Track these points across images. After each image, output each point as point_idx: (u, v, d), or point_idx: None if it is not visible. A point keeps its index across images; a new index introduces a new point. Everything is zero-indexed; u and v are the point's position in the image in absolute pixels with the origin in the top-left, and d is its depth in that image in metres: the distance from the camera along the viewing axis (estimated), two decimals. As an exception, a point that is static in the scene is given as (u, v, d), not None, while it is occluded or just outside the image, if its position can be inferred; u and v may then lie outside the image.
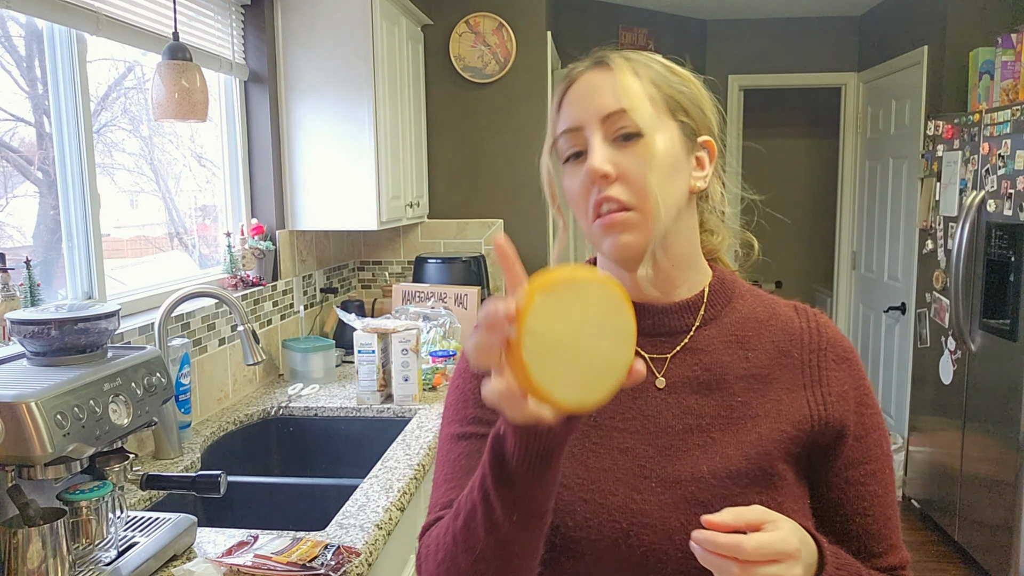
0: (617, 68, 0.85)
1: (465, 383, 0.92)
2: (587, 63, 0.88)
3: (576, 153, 0.85)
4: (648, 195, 0.82)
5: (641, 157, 0.82)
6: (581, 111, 0.84)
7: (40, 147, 1.76)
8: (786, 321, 0.91)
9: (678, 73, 0.89)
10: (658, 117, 0.84)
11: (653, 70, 0.86)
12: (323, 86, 2.65)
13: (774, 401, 0.86)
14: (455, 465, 0.89)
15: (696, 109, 0.88)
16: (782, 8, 4.63)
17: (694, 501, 0.81)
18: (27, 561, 1.09)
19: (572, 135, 0.85)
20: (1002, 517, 2.95)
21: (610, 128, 0.83)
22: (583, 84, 0.86)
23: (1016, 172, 2.85)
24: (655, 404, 0.86)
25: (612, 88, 0.83)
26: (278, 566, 1.25)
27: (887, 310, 4.29)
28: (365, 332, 2.24)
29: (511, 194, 3.42)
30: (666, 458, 0.84)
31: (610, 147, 0.83)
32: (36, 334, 1.18)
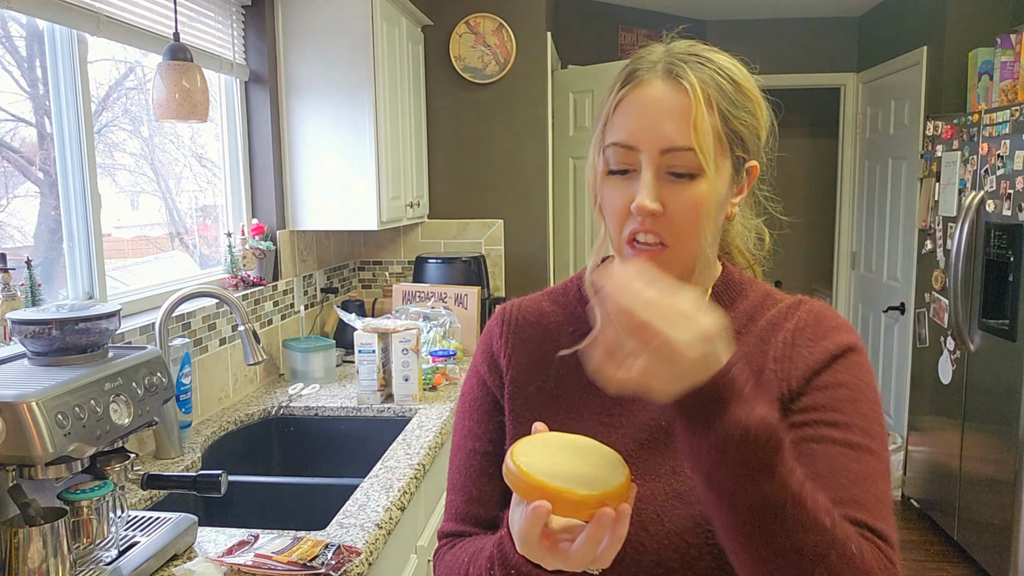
0: (693, 95, 0.79)
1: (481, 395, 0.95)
2: (659, 67, 0.81)
3: (624, 170, 0.81)
4: (688, 238, 0.80)
5: (692, 199, 0.79)
6: (641, 133, 0.79)
7: (41, 147, 1.77)
8: (777, 312, 0.89)
9: (745, 92, 0.84)
10: (718, 155, 0.80)
11: (724, 94, 0.81)
12: (323, 86, 2.65)
13: None
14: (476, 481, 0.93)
15: (752, 137, 0.85)
16: (782, 8, 4.63)
17: (672, 493, 0.81)
18: (28, 561, 1.10)
19: (625, 151, 0.80)
20: (1001, 517, 2.95)
21: (668, 161, 0.79)
22: (649, 95, 0.80)
23: (1015, 172, 2.85)
24: (642, 401, 0.86)
25: (681, 115, 0.78)
26: (279, 565, 1.25)
27: (886, 310, 4.29)
28: (365, 332, 2.24)
29: (511, 194, 3.43)
30: (648, 452, 0.85)
31: (662, 180, 0.79)
32: (37, 334, 1.19)
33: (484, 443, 0.94)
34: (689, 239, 0.81)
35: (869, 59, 4.64)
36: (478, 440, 0.94)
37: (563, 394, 0.90)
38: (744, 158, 0.85)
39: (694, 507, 0.80)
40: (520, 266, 3.48)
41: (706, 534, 0.79)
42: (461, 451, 0.95)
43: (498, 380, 0.94)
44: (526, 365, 0.92)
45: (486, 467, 0.93)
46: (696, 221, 0.80)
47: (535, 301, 0.98)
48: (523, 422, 0.90)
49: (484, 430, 0.94)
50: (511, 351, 0.94)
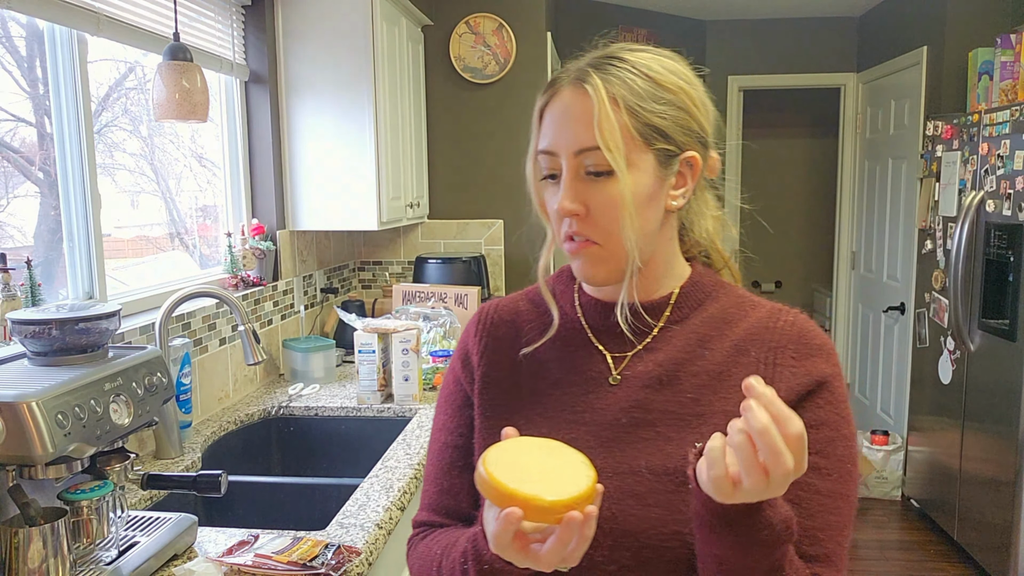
0: (595, 96, 0.82)
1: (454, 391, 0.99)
2: (571, 75, 0.86)
3: (552, 175, 0.86)
4: (615, 234, 0.83)
5: (610, 196, 0.82)
6: (556, 138, 0.84)
7: (41, 147, 1.77)
8: (754, 321, 0.90)
9: (663, 85, 0.84)
10: (632, 151, 0.82)
11: (633, 90, 0.83)
12: (323, 86, 2.65)
13: (723, 400, 0.86)
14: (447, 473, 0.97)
15: (678, 129, 0.85)
16: (782, 8, 4.63)
17: (627, 493, 0.83)
18: (28, 561, 1.10)
19: (549, 157, 0.86)
20: (1001, 517, 2.95)
21: (583, 162, 0.83)
22: (562, 103, 0.85)
23: (1015, 172, 2.85)
24: (606, 399, 0.88)
25: (587, 118, 0.82)
26: (279, 565, 1.25)
27: (886, 310, 4.29)
28: (365, 332, 2.24)
29: (511, 194, 3.43)
30: (608, 450, 0.86)
31: (581, 182, 0.83)
32: (37, 334, 1.19)
33: (456, 437, 0.97)
34: (614, 235, 0.84)
35: (869, 59, 4.64)
36: (450, 434, 0.98)
37: (531, 391, 0.93)
38: (671, 151, 0.85)
39: (651, 509, 0.82)
40: (520, 266, 3.48)
41: (661, 536, 0.81)
42: (435, 444, 0.99)
43: (470, 376, 0.97)
44: (497, 362, 0.96)
45: (456, 460, 0.96)
46: (616, 218, 0.83)
47: (513, 300, 1.01)
48: (491, 417, 0.93)
49: (456, 424, 0.97)
50: (483, 348, 0.97)
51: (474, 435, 0.95)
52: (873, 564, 3.35)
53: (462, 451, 0.96)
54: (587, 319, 0.94)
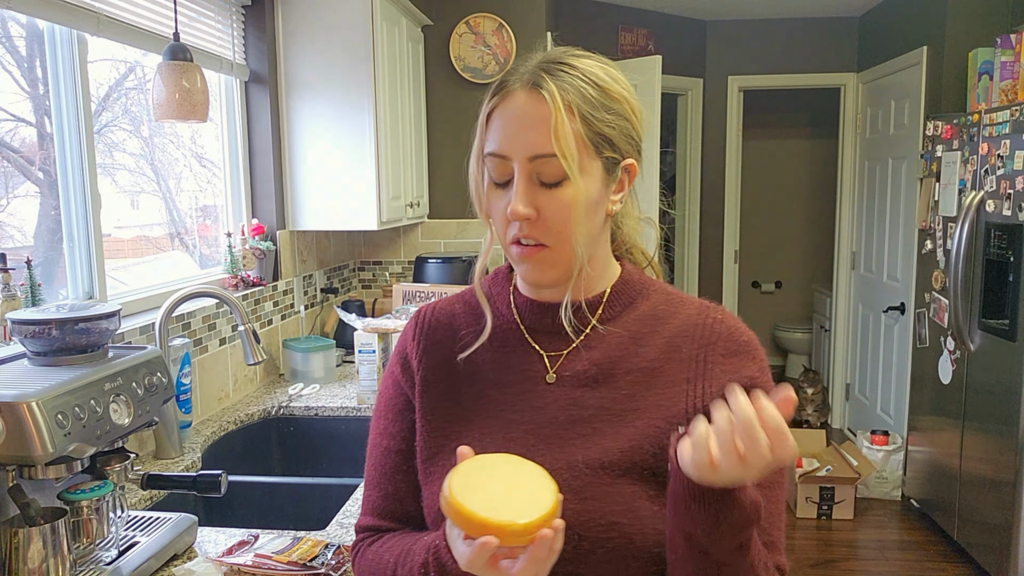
0: (552, 103, 0.83)
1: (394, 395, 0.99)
2: (523, 78, 0.86)
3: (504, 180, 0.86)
4: (566, 238, 0.85)
5: (563, 201, 0.84)
6: (510, 142, 0.85)
7: (41, 147, 1.77)
8: (684, 318, 0.93)
9: (610, 94, 0.86)
10: (584, 158, 0.84)
11: (586, 99, 0.84)
12: (323, 86, 2.65)
13: (657, 395, 0.88)
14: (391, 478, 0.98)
15: (622, 138, 0.88)
16: (782, 8, 4.63)
17: (565, 488, 0.84)
18: (28, 561, 1.10)
19: (499, 161, 0.86)
20: (1001, 517, 2.95)
21: (536, 168, 0.84)
22: (515, 106, 0.85)
23: (1015, 172, 2.85)
24: (544, 397, 0.90)
25: (543, 124, 0.83)
26: (278, 565, 1.25)
27: (886, 310, 4.29)
28: (366, 332, 2.24)
29: (511, 194, 3.42)
30: (547, 447, 0.88)
31: (534, 187, 0.84)
32: (37, 334, 1.19)
33: (398, 441, 0.98)
34: (565, 239, 0.85)
35: (869, 59, 4.64)
36: (392, 439, 0.98)
37: (470, 392, 0.94)
38: (616, 158, 0.88)
39: (588, 502, 0.84)
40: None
41: (599, 528, 0.83)
42: (376, 448, 1.00)
43: (410, 380, 0.98)
44: (435, 365, 0.96)
45: (400, 464, 0.97)
46: (568, 222, 0.84)
47: (449, 303, 1.02)
48: (432, 420, 0.94)
49: (398, 429, 0.98)
50: (422, 352, 0.98)
51: (415, 438, 0.96)
52: (873, 564, 3.35)
53: (404, 455, 0.97)
54: (523, 319, 0.95)
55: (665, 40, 4.65)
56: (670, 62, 4.23)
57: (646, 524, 0.83)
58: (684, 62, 4.77)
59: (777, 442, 0.69)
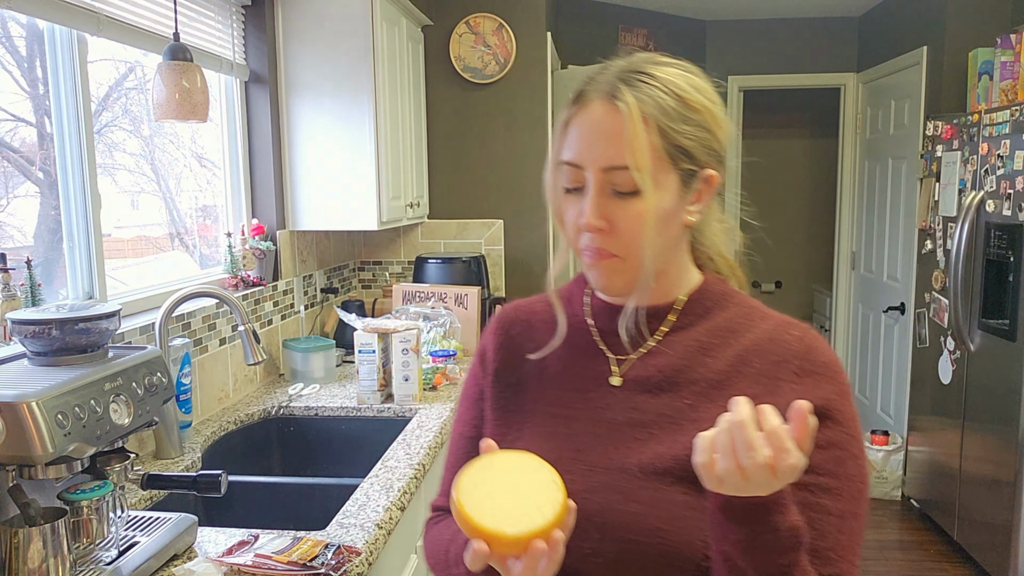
0: (626, 115, 0.82)
1: (471, 385, 1.04)
2: (601, 88, 0.85)
3: (576, 187, 0.87)
4: (636, 250, 0.85)
5: (634, 214, 0.84)
6: (584, 151, 0.85)
7: (41, 147, 1.77)
8: (760, 333, 0.91)
9: (691, 105, 0.85)
10: (659, 171, 0.83)
11: (664, 110, 0.83)
12: (323, 87, 2.65)
13: (720, 408, 0.85)
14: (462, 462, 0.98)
15: (702, 149, 0.86)
16: (782, 8, 4.63)
17: (615, 489, 0.85)
18: (28, 561, 1.10)
19: (572, 169, 0.86)
20: (1001, 517, 2.95)
21: (609, 179, 0.84)
22: (591, 117, 0.85)
23: (1015, 172, 2.85)
24: (605, 399, 0.92)
25: (618, 136, 0.82)
26: (278, 565, 1.25)
27: (886, 310, 4.29)
28: (365, 332, 2.24)
29: (511, 194, 3.43)
30: (602, 447, 0.89)
31: (606, 198, 0.84)
32: (37, 334, 1.19)
33: (470, 428, 1.02)
34: (636, 251, 0.85)
35: (869, 59, 4.64)
36: (466, 425, 1.03)
37: (534, 387, 0.97)
38: (693, 170, 0.86)
39: (634, 504, 0.84)
40: (520, 266, 3.48)
41: (643, 533, 0.83)
42: (454, 433, 1.05)
43: (485, 372, 1.02)
44: (509, 360, 1.00)
45: (470, 451, 1.00)
46: (639, 234, 0.84)
47: (532, 301, 1.05)
48: (498, 410, 0.99)
49: (470, 416, 1.03)
50: (498, 347, 1.02)
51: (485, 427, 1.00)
52: (873, 564, 3.35)
53: (475, 441, 0.99)
54: (595, 321, 0.97)
55: (665, 40, 4.65)
56: (670, 62, 4.22)
57: (692, 535, 0.82)
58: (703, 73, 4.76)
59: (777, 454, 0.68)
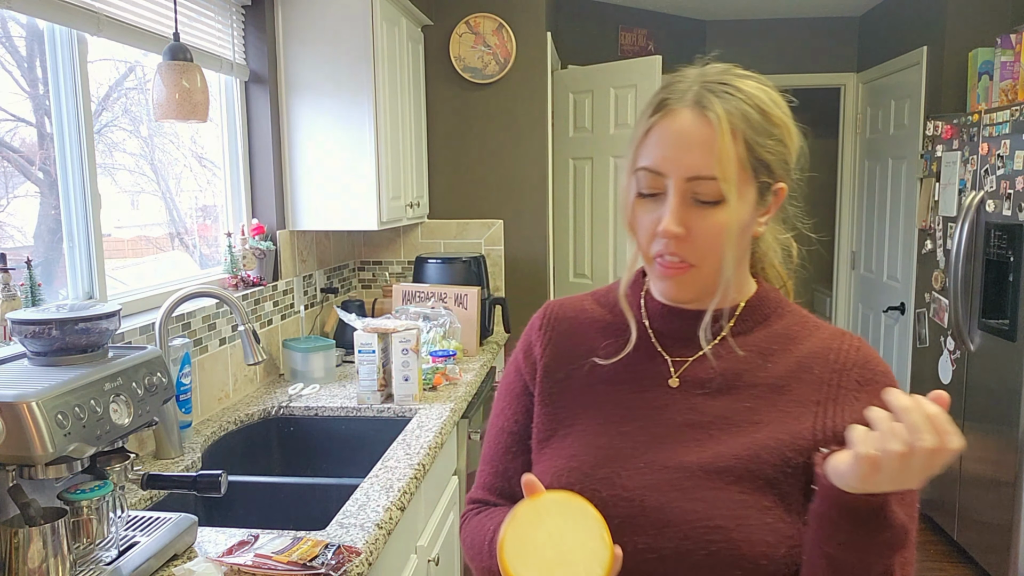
0: (716, 125, 0.83)
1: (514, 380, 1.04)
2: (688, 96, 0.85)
3: (653, 193, 0.86)
4: (712, 258, 0.86)
5: (715, 223, 0.84)
6: (668, 160, 0.84)
7: (41, 147, 1.77)
8: (819, 341, 0.92)
9: (773, 119, 0.87)
10: (742, 183, 0.84)
11: (751, 123, 0.85)
12: (323, 86, 2.65)
13: (782, 412, 0.87)
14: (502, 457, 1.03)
15: (779, 163, 0.88)
16: (782, 8, 4.63)
17: (674, 486, 0.85)
18: (28, 561, 1.10)
19: (652, 176, 0.86)
20: (1002, 517, 2.95)
21: (693, 188, 0.84)
22: (677, 125, 0.85)
23: (1015, 172, 2.85)
24: (663, 400, 0.91)
25: (706, 145, 0.83)
26: (278, 565, 1.25)
27: (886, 310, 4.29)
28: (365, 332, 2.24)
29: (511, 194, 3.43)
30: (659, 446, 0.89)
31: (686, 206, 0.84)
32: (37, 334, 1.19)
33: (512, 423, 1.02)
34: (712, 260, 0.86)
35: (869, 59, 4.64)
36: (507, 420, 1.03)
37: (587, 384, 0.97)
38: (770, 183, 0.88)
39: (696, 502, 0.84)
40: (520, 266, 3.48)
41: (703, 530, 0.82)
42: (493, 428, 1.06)
43: (531, 368, 1.02)
44: (558, 355, 1.00)
45: (511, 445, 1.02)
46: (718, 244, 0.85)
47: (579, 299, 1.06)
48: (548, 406, 0.98)
49: (513, 411, 1.03)
50: (547, 342, 1.01)
51: (532, 422, 1.00)
52: (873, 564, 3.35)
53: (517, 437, 1.01)
54: (651, 323, 0.97)
55: (665, 40, 4.65)
56: (670, 62, 4.22)
57: (754, 533, 0.82)
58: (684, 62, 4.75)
59: (941, 432, 0.69)
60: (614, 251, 3.83)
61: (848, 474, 0.72)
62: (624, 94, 3.69)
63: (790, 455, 0.85)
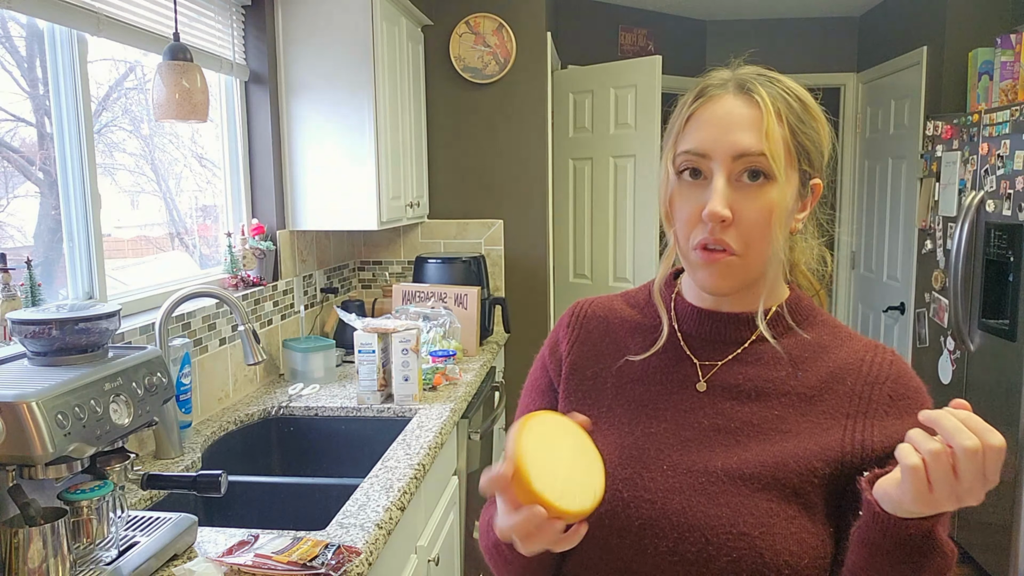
0: (764, 106, 0.83)
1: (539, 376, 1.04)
2: (728, 83, 0.86)
3: (695, 170, 0.85)
4: (758, 246, 0.84)
5: (763, 204, 0.83)
6: (714, 141, 0.83)
7: (41, 147, 1.77)
8: (851, 352, 0.91)
9: (811, 111, 0.88)
10: (787, 165, 0.84)
11: (793, 110, 0.86)
12: (323, 86, 2.65)
13: (812, 423, 0.86)
14: None
15: (817, 153, 0.88)
16: (782, 8, 4.63)
17: (699, 490, 0.84)
18: (28, 561, 1.10)
19: (697, 159, 0.85)
20: (1001, 517, 2.95)
21: (739, 166, 0.83)
22: (722, 108, 0.85)
23: (1015, 172, 2.85)
24: (691, 403, 0.90)
25: (753, 125, 0.83)
26: (278, 565, 1.25)
27: (886, 310, 4.29)
28: (365, 332, 2.24)
29: (511, 194, 3.43)
30: (685, 448, 0.88)
31: (733, 188, 0.83)
32: (37, 334, 1.19)
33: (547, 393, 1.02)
34: (758, 246, 0.84)
35: (869, 59, 4.64)
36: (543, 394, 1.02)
37: (614, 384, 0.96)
38: (809, 173, 0.88)
39: (721, 508, 0.83)
40: (520, 266, 3.48)
41: (727, 536, 0.81)
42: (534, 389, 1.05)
43: (556, 364, 1.02)
44: (585, 353, 1.00)
45: None
46: (766, 228, 0.83)
47: (609, 299, 1.05)
48: (573, 403, 0.97)
49: (536, 407, 1.02)
50: (574, 339, 1.01)
51: None
52: (873, 564, 3.34)
53: None
54: (680, 325, 0.96)
55: (665, 40, 4.65)
56: (670, 62, 4.23)
57: (778, 542, 0.81)
58: (684, 62, 4.76)
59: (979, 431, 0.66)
60: (614, 251, 3.83)
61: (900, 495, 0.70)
62: (624, 94, 3.69)
63: (817, 465, 0.84)
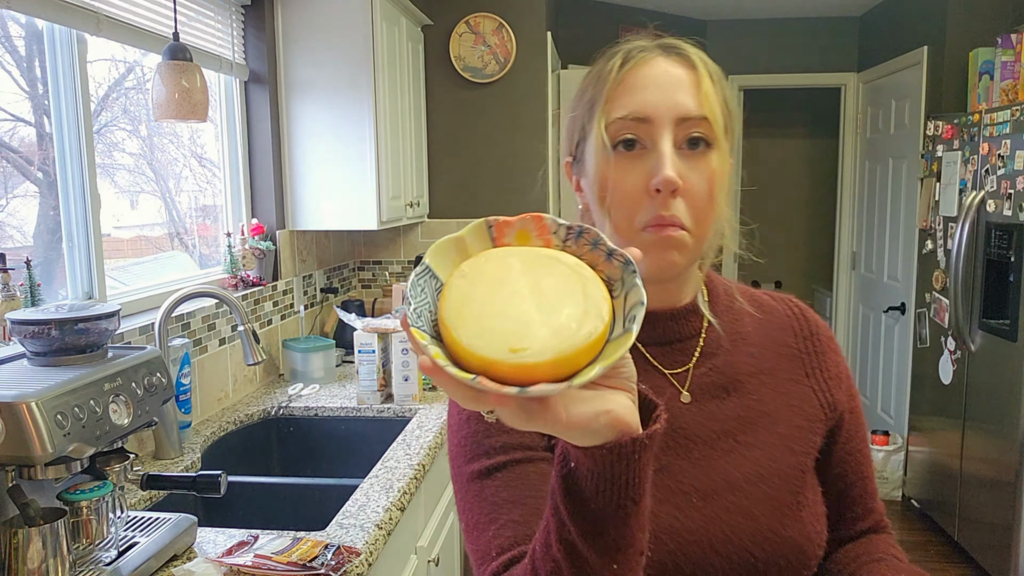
0: (699, 67, 0.78)
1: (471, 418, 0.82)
2: (653, 45, 0.80)
3: (631, 141, 0.76)
4: (705, 220, 0.77)
5: (708, 173, 0.76)
6: (655, 103, 0.75)
7: (40, 147, 1.77)
8: (774, 312, 0.92)
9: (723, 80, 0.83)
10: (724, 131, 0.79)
11: (719, 74, 0.81)
12: (323, 86, 2.65)
13: (782, 394, 0.86)
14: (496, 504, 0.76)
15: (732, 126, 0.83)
16: (782, 8, 4.63)
17: (735, 510, 0.79)
18: (27, 561, 1.10)
19: (636, 124, 0.76)
20: (1002, 517, 2.95)
21: (682, 133, 0.76)
22: (657, 68, 0.78)
23: (1015, 172, 2.85)
24: (683, 419, 0.83)
25: (692, 89, 0.77)
26: (278, 566, 1.25)
27: (887, 310, 4.29)
28: (365, 332, 2.24)
29: (511, 194, 3.42)
30: (700, 470, 0.81)
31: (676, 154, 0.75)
32: (36, 334, 1.19)
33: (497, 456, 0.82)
34: (705, 221, 0.77)
35: (869, 59, 4.64)
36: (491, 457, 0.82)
37: None
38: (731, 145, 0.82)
39: (761, 520, 0.79)
40: (520, 266, 3.47)
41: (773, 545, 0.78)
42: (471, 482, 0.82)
43: None
44: None
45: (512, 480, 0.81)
46: (711, 199, 0.77)
47: None
48: None
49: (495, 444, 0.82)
50: None
51: None
52: (873, 564, 3.34)
53: None
54: None
55: (665, 40, 4.65)
56: (670, 62, 4.23)
57: (809, 529, 0.80)
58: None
59: None
60: (614, 251, 3.83)
61: None
62: (624, 94, 3.68)
63: (815, 440, 0.85)
